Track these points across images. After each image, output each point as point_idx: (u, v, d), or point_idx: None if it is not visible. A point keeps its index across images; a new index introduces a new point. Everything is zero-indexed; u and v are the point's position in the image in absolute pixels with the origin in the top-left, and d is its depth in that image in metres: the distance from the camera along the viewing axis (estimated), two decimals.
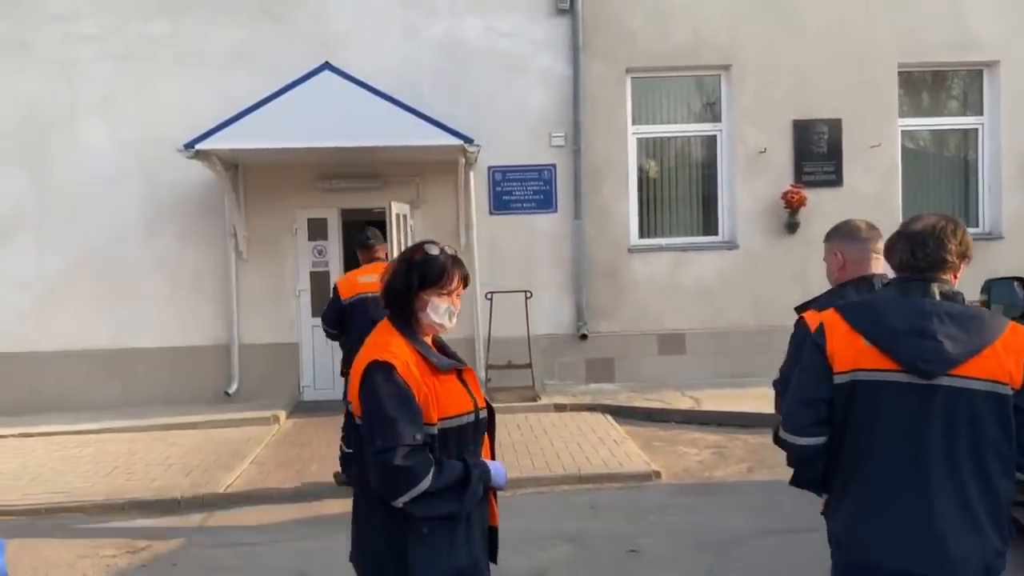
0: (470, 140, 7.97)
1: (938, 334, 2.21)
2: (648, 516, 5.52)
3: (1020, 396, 2.19)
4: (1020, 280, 5.31)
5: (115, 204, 9.01)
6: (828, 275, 3.09)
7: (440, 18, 9.20)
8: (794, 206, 9.31)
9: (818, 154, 9.50)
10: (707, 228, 9.80)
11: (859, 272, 2.95)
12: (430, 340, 2.46)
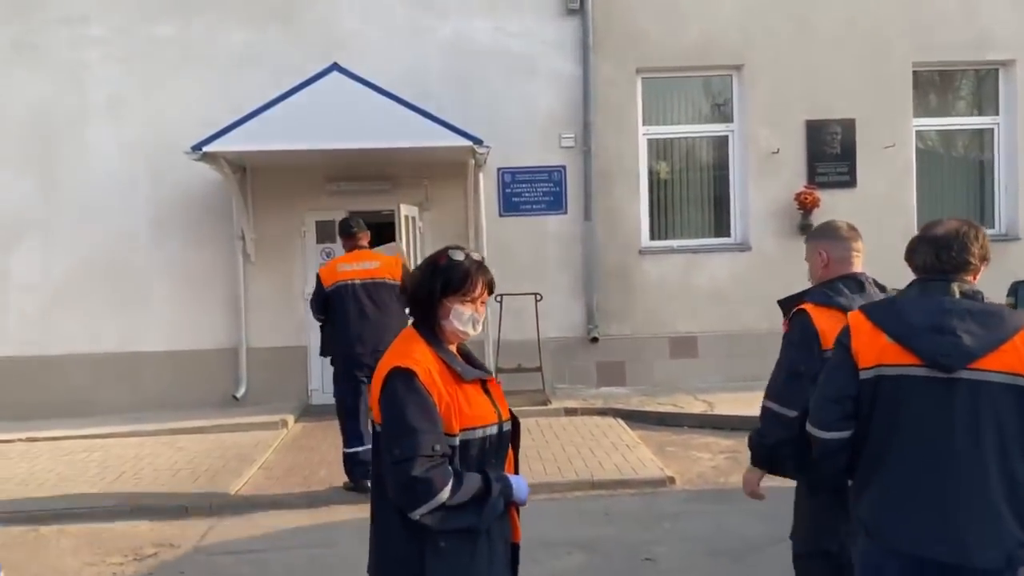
0: (480, 141, 7.88)
1: (957, 330, 2.29)
2: (663, 523, 5.43)
3: None
4: None
5: (122, 206, 8.97)
6: (811, 273, 3.23)
7: (449, 19, 9.13)
8: (807, 207, 9.20)
9: (831, 155, 9.38)
10: (719, 230, 9.70)
11: (843, 270, 3.08)
12: (455, 348, 2.38)
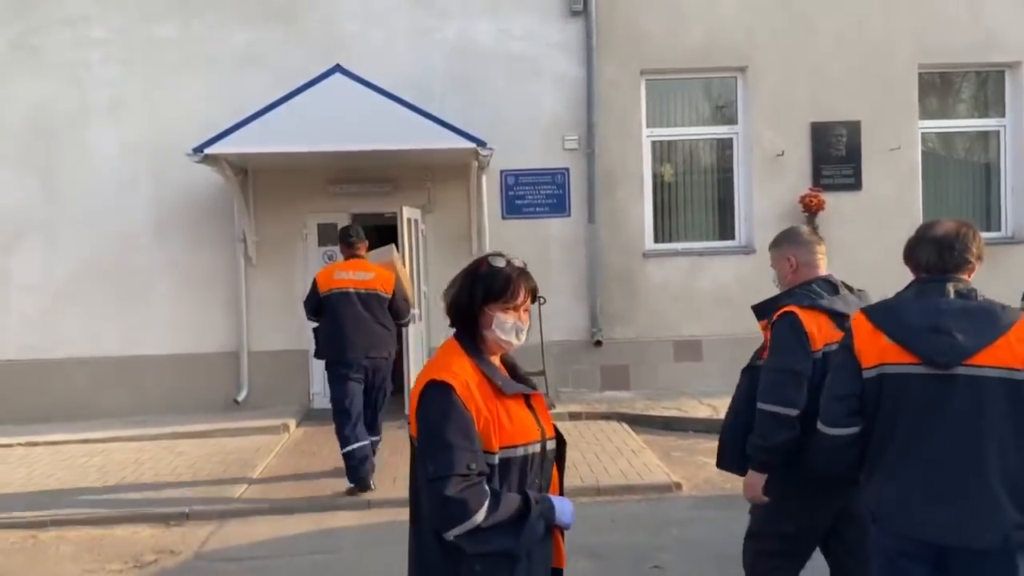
0: (483, 143, 7.82)
1: (952, 329, 2.46)
2: (670, 529, 5.36)
3: None
4: None
5: (123, 208, 8.90)
6: (779, 279, 3.37)
7: (452, 20, 9.07)
8: (812, 210, 9.12)
9: (837, 157, 9.31)
10: (723, 232, 9.63)
11: (811, 273, 3.25)
12: (498, 360, 2.29)
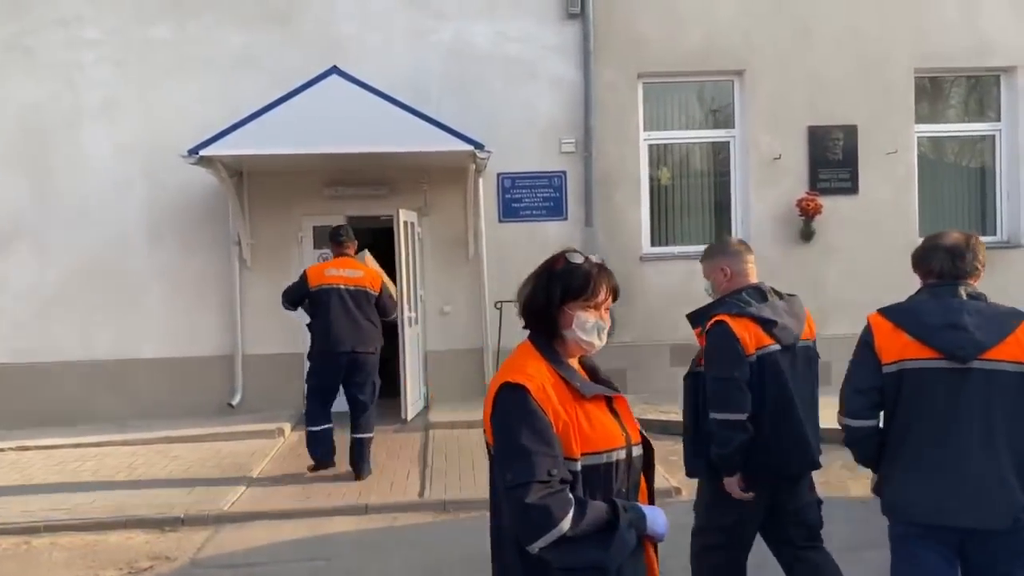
0: (481, 146, 7.78)
1: (968, 326, 2.68)
2: (672, 535, 5.29)
3: None
4: None
5: (117, 211, 8.83)
6: (714, 288, 3.58)
7: (449, 22, 9.03)
8: (809, 214, 9.12)
9: (833, 161, 9.32)
10: (720, 236, 9.60)
11: (743, 282, 3.47)
12: (576, 363, 2.18)
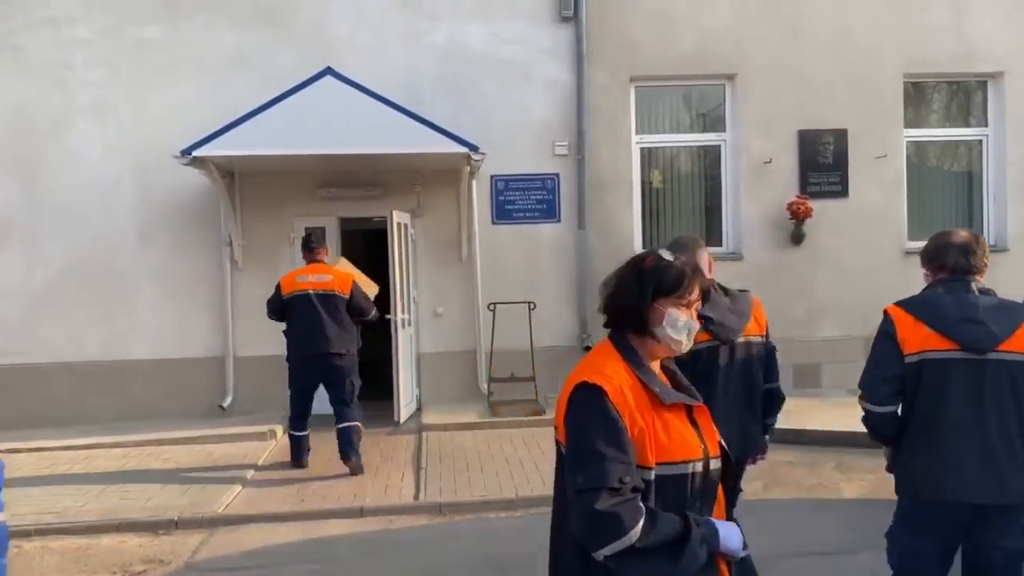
0: (476, 148, 7.79)
1: (984, 320, 2.91)
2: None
3: None
4: None
5: (107, 212, 8.77)
6: None
7: (442, 24, 9.04)
8: (800, 217, 9.18)
9: (824, 164, 9.38)
10: (711, 239, 9.62)
11: None
12: (658, 368, 2.09)
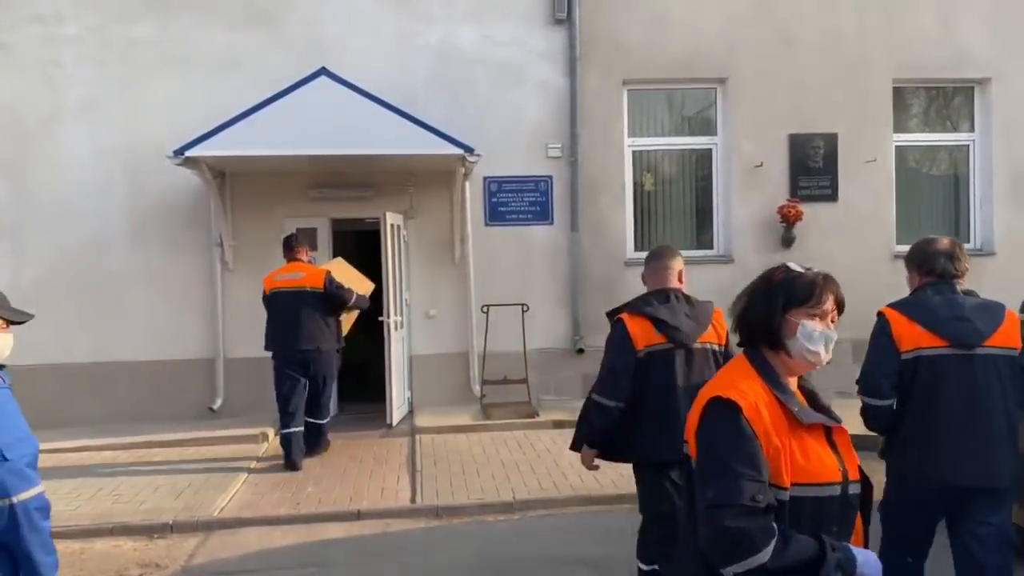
0: (471, 150, 7.78)
1: (971, 318, 3.22)
2: None
3: (1022, 356, 3.27)
4: None
5: (96, 212, 8.68)
6: (649, 289, 4.00)
7: (435, 25, 9.02)
8: (790, 221, 9.24)
9: (814, 168, 9.45)
10: (702, 242, 9.70)
11: (659, 284, 3.92)
12: (795, 386, 2.04)
